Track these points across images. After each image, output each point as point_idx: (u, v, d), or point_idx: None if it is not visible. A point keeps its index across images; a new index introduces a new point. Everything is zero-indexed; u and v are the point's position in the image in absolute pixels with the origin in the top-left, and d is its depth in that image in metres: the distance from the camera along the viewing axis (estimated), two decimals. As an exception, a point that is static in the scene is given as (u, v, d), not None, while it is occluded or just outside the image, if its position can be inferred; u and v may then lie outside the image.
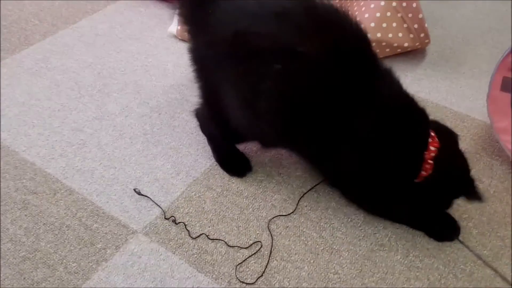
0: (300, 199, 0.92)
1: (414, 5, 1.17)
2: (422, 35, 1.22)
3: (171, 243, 0.85)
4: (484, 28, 1.41)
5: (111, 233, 0.87)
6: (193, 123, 1.08)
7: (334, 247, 0.85)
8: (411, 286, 0.79)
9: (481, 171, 0.99)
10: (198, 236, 0.86)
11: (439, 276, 0.81)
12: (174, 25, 1.34)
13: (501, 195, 0.94)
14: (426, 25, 1.21)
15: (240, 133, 0.90)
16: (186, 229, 0.87)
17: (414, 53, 1.29)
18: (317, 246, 0.85)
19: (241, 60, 0.79)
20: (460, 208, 0.91)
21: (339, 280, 0.80)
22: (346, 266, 0.82)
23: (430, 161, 0.79)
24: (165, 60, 1.27)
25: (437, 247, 0.85)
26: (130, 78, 1.21)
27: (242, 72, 0.79)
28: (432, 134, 0.81)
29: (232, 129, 0.88)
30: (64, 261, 0.82)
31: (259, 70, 0.77)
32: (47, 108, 1.11)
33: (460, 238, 0.86)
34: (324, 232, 0.87)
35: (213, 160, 1.00)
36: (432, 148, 0.79)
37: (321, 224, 0.89)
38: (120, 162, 0.99)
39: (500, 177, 0.98)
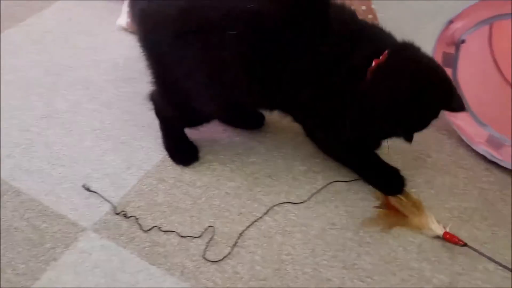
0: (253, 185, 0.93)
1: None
2: (370, 16, 1.23)
3: (122, 237, 0.84)
4: (434, 7, 1.43)
5: (60, 232, 0.85)
6: (145, 117, 1.06)
7: (287, 229, 0.86)
8: (362, 261, 0.81)
9: (430, 146, 1.01)
10: (150, 229, 0.85)
11: (389, 250, 0.82)
12: (123, 17, 1.32)
13: (449, 168, 0.97)
14: (373, 6, 1.22)
15: (202, 113, 0.91)
16: (138, 223, 0.86)
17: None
18: (270, 230, 0.85)
19: (194, 35, 0.79)
20: (410, 183, 0.92)
21: (292, 261, 0.81)
22: (298, 246, 0.83)
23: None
24: (116, 53, 1.24)
25: (387, 222, 0.87)
26: (79, 73, 1.19)
27: (200, 47, 0.79)
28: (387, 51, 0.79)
29: (191, 110, 0.89)
30: (12, 263, 0.80)
31: (215, 41, 0.78)
32: (-8, 109, 1.08)
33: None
34: (277, 215, 0.88)
35: (165, 152, 0.98)
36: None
37: (274, 208, 0.89)
38: (69, 160, 0.97)
39: (448, 150, 1.00)
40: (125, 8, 1.32)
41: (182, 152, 0.98)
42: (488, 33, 1.06)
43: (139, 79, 1.16)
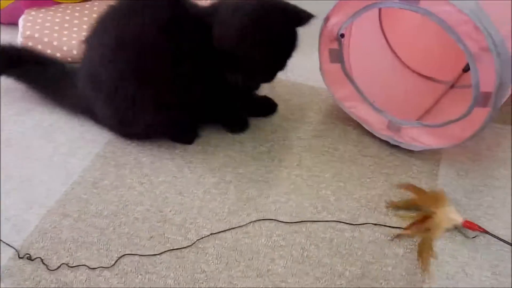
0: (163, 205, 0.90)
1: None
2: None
3: (27, 282, 0.79)
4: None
5: (-42, 288, 0.79)
6: (46, 149, 1.02)
7: (200, 245, 0.84)
8: (276, 266, 0.80)
9: (337, 139, 1.03)
10: (58, 268, 0.81)
11: (301, 250, 0.82)
12: (20, 40, 1.25)
13: (356, 158, 0.98)
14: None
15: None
16: (43, 263, 0.82)
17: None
18: (183, 250, 0.83)
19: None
20: (319, 178, 0.93)
21: (206, 278, 0.79)
22: (212, 262, 0.81)
23: None
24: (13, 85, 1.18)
25: (298, 223, 0.87)
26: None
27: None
28: None
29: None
30: None
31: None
32: None
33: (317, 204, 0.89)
34: (189, 233, 0.86)
35: (68, 184, 0.94)
36: None
37: (186, 225, 0.87)
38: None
39: (354, 141, 1.02)
40: (19, 39, 1.27)
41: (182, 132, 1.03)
42: (378, 17, 1.09)
43: (40, 110, 1.11)
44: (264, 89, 1.15)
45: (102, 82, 0.93)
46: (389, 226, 0.85)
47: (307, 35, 1.31)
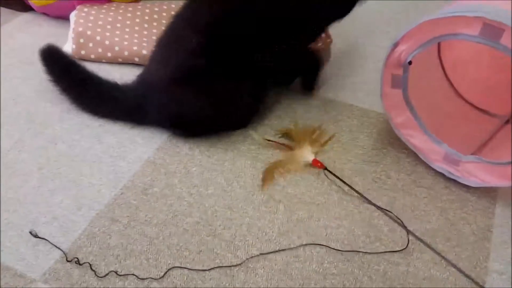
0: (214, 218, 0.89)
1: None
2: (323, 35, 1.22)
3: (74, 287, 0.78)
4: (384, 20, 1.45)
5: (7, 286, 0.78)
6: (95, 150, 1.02)
7: (249, 265, 0.82)
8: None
9: (389, 166, 1.01)
10: (106, 275, 0.80)
11: (354, 280, 0.80)
12: (69, 44, 1.26)
13: (409, 188, 0.96)
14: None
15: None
16: (92, 269, 0.81)
17: (319, 53, 1.29)
18: (232, 268, 0.82)
19: None
20: (370, 207, 0.92)
21: (255, 299, 0.78)
22: (262, 284, 0.80)
23: None
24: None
25: (351, 252, 0.85)
26: (22, 107, 1.12)
27: None
28: None
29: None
30: (-49, 327, 0.73)
31: None
32: None
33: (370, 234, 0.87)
34: (238, 251, 0.84)
35: (118, 188, 0.93)
36: None
37: (236, 242, 0.86)
38: (14, 204, 0.91)
39: (407, 170, 1.00)
40: (70, 34, 1.26)
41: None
42: (437, 46, 1.07)
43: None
44: (313, 109, 1.14)
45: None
46: (446, 260, 0.83)
47: (358, 56, 1.31)
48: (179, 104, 0.99)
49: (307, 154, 1.00)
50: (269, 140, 1.03)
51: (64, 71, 1.09)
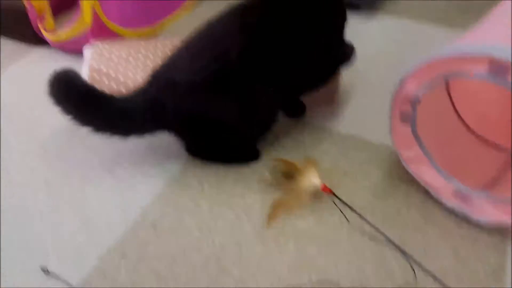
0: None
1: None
2: (331, 69, 1.24)
3: (83, 325, 0.78)
4: (393, 53, 1.46)
5: (15, 324, 0.79)
6: (106, 184, 1.03)
7: (259, 303, 0.82)
8: None
9: (399, 201, 1.00)
10: (114, 313, 0.80)
11: None
12: (85, 72, 1.28)
13: (419, 224, 0.95)
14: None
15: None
16: (100, 306, 0.81)
17: (328, 88, 1.30)
18: (241, 305, 0.81)
19: None
20: (381, 243, 0.91)
21: None
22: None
23: None
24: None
25: (361, 288, 0.84)
26: (35, 141, 1.14)
27: None
28: None
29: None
30: None
31: None
32: None
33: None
34: None
35: (128, 223, 0.94)
36: None
37: (245, 279, 0.85)
38: (24, 239, 0.92)
39: (418, 206, 0.99)
40: (85, 69, 1.30)
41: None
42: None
43: (100, 141, 1.12)
44: (322, 141, 1.14)
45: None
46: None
47: (367, 89, 1.32)
48: (205, 109, 0.96)
49: (314, 179, 0.99)
50: (278, 182, 1.02)
51: (78, 95, 1.00)
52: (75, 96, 0.99)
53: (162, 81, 0.99)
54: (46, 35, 1.39)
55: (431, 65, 0.84)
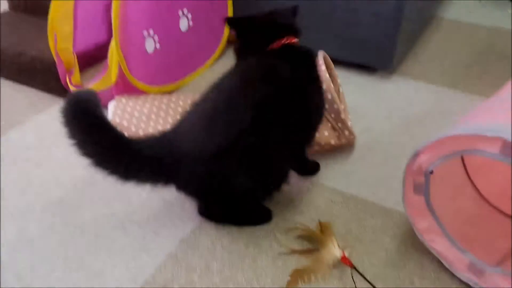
0: None
1: (336, 106, 1.22)
2: (346, 133, 1.26)
3: None
4: (408, 117, 1.48)
5: None
6: (119, 241, 1.04)
7: None
8: None
9: (413, 271, 0.99)
10: None
11: None
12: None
13: (433, 298, 0.94)
14: (350, 123, 1.26)
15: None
16: None
17: (343, 148, 1.32)
18: None
19: None
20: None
21: None
22: None
23: None
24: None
25: None
26: (55, 194, 1.17)
27: None
28: None
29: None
30: None
31: None
32: (-39, 236, 1.05)
33: None
34: None
35: (139, 283, 0.95)
36: None
37: None
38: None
39: (431, 277, 0.98)
40: (110, 110, 1.34)
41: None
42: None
43: (117, 198, 1.15)
44: (336, 205, 1.15)
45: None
46: None
47: (381, 153, 1.33)
48: (219, 176, 0.97)
49: (334, 251, 0.99)
50: (293, 250, 1.03)
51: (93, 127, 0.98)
52: (87, 120, 0.97)
53: (179, 143, 0.98)
54: (72, 88, 1.45)
55: (444, 141, 0.86)
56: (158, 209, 1.13)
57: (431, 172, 0.91)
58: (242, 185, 0.98)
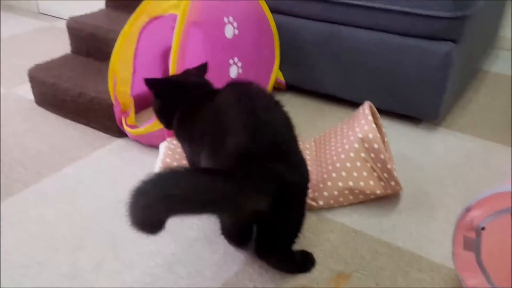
0: None
1: (382, 156, 1.23)
2: (392, 183, 1.26)
3: None
4: (453, 170, 1.46)
5: None
6: (165, 280, 1.06)
7: None
8: None
9: (463, 332, 0.95)
10: None
11: None
12: (158, 165, 1.38)
13: None
14: (395, 173, 1.26)
15: None
16: None
17: (389, 198, 1.31)
18: None
19: None
20: None
21: None
22: None
23: None
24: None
25: None
26: (106, 228, 1.21)
27: None
28: None
29: None
30: None
31: None
32: (19, 265, 1.10)
33: None
34: None
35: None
36: None
37: None
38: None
39: (482, 339, 0.94)
40: (158, 163, 1.40)
41: None
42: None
43: (162, 234, 1.18)
44: (381, 256, 1.13)
45: None
46: None
47: (428, 205, 1.31)
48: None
49: None
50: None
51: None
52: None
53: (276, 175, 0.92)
54: (127, 129, 1.53)
55: (497, 197, 0.85)
56: (203, 249, 1.14)
57: (483, 229, 0.90)
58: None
